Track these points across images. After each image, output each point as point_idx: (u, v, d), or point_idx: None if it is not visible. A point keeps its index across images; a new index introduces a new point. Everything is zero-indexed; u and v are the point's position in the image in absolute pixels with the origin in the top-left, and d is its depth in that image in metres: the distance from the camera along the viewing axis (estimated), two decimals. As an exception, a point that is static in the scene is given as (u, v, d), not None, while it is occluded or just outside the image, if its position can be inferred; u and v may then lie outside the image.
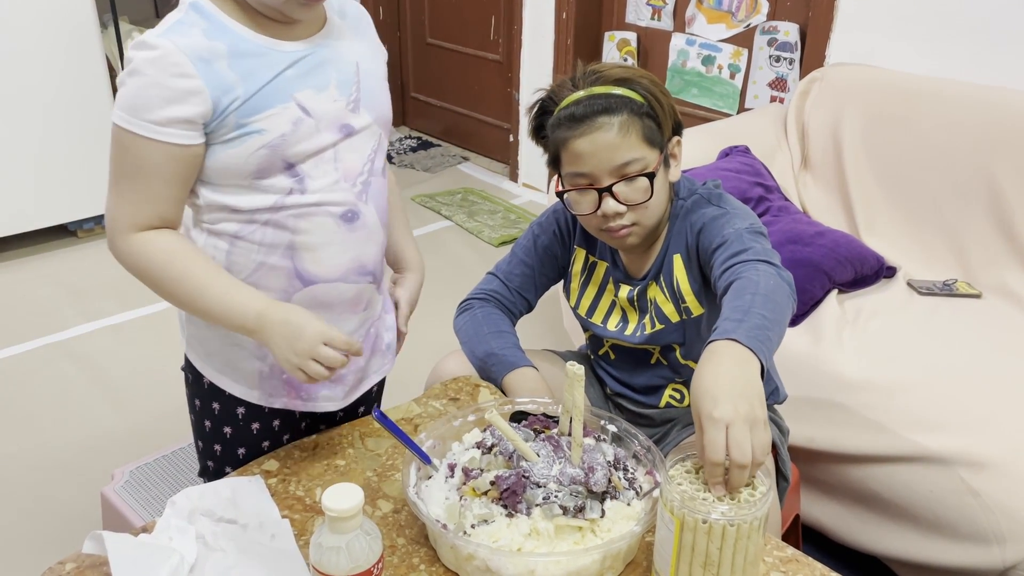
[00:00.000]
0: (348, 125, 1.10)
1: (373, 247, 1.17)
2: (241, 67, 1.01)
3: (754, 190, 2.10)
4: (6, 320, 2.69)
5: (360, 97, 1.11)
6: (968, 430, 1.53)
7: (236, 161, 1.03)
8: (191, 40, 0.99)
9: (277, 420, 1.24)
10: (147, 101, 0.98)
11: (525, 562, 0.93)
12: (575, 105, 1.18)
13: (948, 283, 2.00)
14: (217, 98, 0.99)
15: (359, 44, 1.14)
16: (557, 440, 1.05)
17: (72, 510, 1.90)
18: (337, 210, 1.10)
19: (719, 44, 2.93)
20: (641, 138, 1.17)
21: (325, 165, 1.08)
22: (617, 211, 1.19)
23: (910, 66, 2.26)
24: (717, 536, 0.86)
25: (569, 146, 1.19)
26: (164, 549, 0.94)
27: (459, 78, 4.13)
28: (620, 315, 1.34)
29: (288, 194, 1.07)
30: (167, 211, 1.05)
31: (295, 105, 1.04)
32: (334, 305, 1.15)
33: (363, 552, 0.85)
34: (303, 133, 1.05)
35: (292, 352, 1.03)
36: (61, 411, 2.26)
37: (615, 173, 1.18)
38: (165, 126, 0.99)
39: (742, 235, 1.15)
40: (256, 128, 1.02)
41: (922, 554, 1.56)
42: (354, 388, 1.24)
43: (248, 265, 1.10)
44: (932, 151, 2.10)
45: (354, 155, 1.11)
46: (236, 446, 1.24)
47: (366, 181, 1.13)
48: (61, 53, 2.93)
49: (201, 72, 0.98)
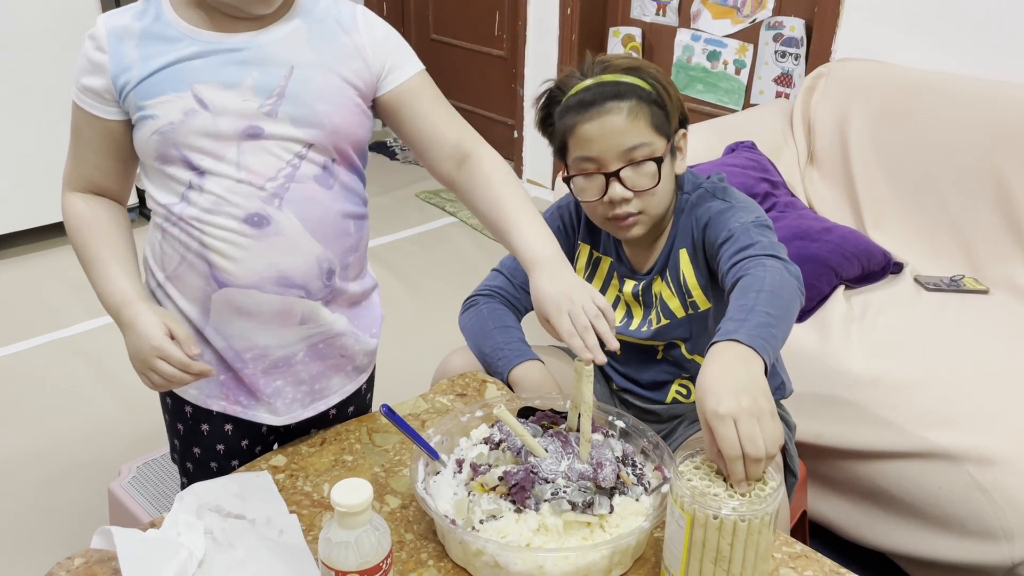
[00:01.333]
0: (256, 127, 1.04)
1: (298, 259, 1.09)
2: (146, 48, 1.03)
3: (760, 186, 2.10)
4: (14, 316, 2.69)
5: (282, 104, 1.05)
6: (976, 426, 1.53)
7: (140, 144, 1.07)
8: (117, 19, 1.04)
9: (229, 425, 1.21)
10: (78, 70, 1.06)
11: (534, 557, 0.93)
12: (584, 92, 1.20)
13: (955, 279, 1.99)
14: (116, 75, 1.03)
15: (309, 51, 1.06)
16: (565, 436, 1.05)
17: (79, 506, 1.90)
18: (239, 212, 1.06)
19: (724, 39, 2.92)
20: (649, 124, 1.19)
21: (226, 164, 1.05)
22: (624, 196, 1.19)
23: (917, 61, 2.25)
24: (728, 531, 0.86)
25: (577, 130, 1.20)
26: (172, 544, 0.94)
27: (463, 74, 4.13)
28: (625, 310, 1.33)
29: (189, 188, 1.06)
30: (97, 178, 1.11)
31: (191, 95, 1.03)
32: (255, 314, 1.10)
33: (372, 547, 0.85)
34: (196, 125, 1.03)
35: (135, 358, 1.07)
36: (68, 407, 2.26)
37: (623, 158, 1.18)
38: (83, 94, 1.06)
39: (748, 229, 1.15)
40: (150, 113, 1.03)
41: (930, 550, 1.55)
42: (299, 404, 1.19)
43: (174, 258, 1.11)
44: (939, 146, 2.09)
45: (263, 158, 1.05)
46: (191, 445, 1.22)
47: (282, 187, 1.06)
48: (65, 48, 2.92)
49: (111, 48, 1.03)
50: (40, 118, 2.93)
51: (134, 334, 1.05)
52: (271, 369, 1.15)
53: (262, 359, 1.14)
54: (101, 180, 1.12)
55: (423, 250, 3.20)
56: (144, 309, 1.06)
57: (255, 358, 1.14)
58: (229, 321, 1.11)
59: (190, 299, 1.12)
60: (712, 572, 0.88)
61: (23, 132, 2.92)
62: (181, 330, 1.05)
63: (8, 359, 2.48)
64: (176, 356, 1.03)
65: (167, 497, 1.57)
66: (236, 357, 1.14)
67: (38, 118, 2.93)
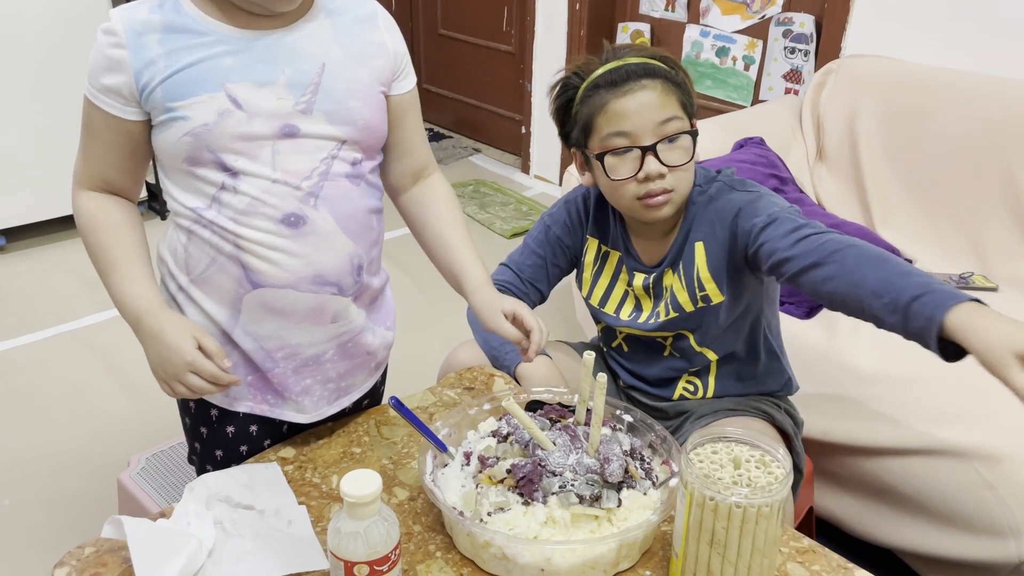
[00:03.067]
0: (292, 126, 1.04)
1: (333, 256, 1.09)
2: (170, 42, 1.00)
3: (769, 182, 2.09)
4: (22, 309, 2.71)
5: (316, 103, 1.05)
6: (984, 423, 1.53)
7: (167, 146, 1.04)
8: (133, 13, 1.01)
9: (255, 426, 1.19)
10: (93, 68, 1.03)
11: (541, 550, 0.93)
12: (614, 71, 1.21)
13: (964, 276, 1.99)
14: (139, 71, 1.00)
15: (337, 47, 1.07)
16: (574, 430, 1.05)
17: (89, 497, 1.91)
18: (276, 213, 1.05)
19: (733, 35, 2.92)
20: (678, 103, 1.21)
21: (260, 164, 1.04)
22: (660, 171, 1.19)
23: (927, 58, 2.25)
24: (724, 516, 0.86)
25: (609, 107, 1.20)
26: (182, 534, 0.95)
27: (471, 69, 4.13)
28: (634, 303, 1.33)
29: (222, 189, 1.04)
30: (113, 177, 1.08)
31: (224, 95, 1.01)
32: (288, 313, 1.10)
33: (381, 538, 0.85)
34: (230, 125, 1.01)
35: (160, 368, 1.05)
36: (77, 399, 2.27)
37: (657, 132, 1.19)
38: (102, 93, 1.02)
39: (790, 213, 1.17)
40: (181, 114, 1.01)
41: (937, 547, 1.55)
42: (325, 401, 1.19)
43: (203, 260, 1.08)
44: (949, 143, 2.08)
45: (299, 157, 1.05)
46: (213, 447, 1.21)
47: (317, 186, 1.06)
48: (74, 42, 2.93)
49: (130, 44, 1.00)
50: (49, 111, 2.94)
51: (160, 344, 1.03)
52: (301, 368, 1.15)
53: (293, 358, 1.14)
54: (115, 178, 1.09)
55: (430, 245, 3.20)
56: (170, 319, 1.05)
57: (286, 357, 1.13)
58: (260, 322, 1.10)
59: (218, 301, 1.10)
60: (708, 554, 0.89)
61: (32, 126, 2.93)
62: (212, 343, 1.03)
63: (18, 351, 2.49)
64: (209, 370, 1.02)
65: (176, 488, 1.58)
66: (266, 357, 1.13)
67: (47, 112, 2.94)
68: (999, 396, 1.57)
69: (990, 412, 1.55)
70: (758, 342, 1.33)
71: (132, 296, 1.06)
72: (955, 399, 1.58)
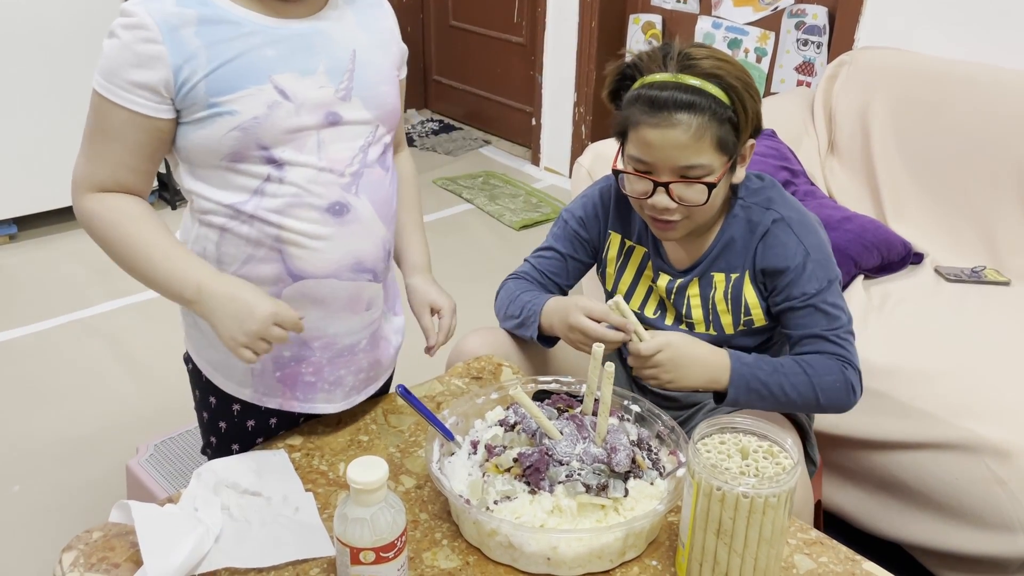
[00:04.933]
0: (335, 113, 1.04)
1: (370, 243, 1.11)
2: (209, 35, 0.97)
3: (780, 174, 2.08)
4: (32, 297, 2.72)
5: (353, 87, 1.06)
6: (995, 418, 1.51)
7: (209, 143, 1.00)
8: (162, 5, 0.97)
9: (274, 419, 1.21)
10: (117, 66, 0.97)
11: (547, 538, 0.93)
12: (659, 88, 1.12)
13: (976, 270, 1.97)
14: (178, 66, 0.96)
15: (362, 33, 1.09)
16: (581, 419, 1.05)
17: (98, 483, 1.92)
18: (321, 202, 1.05)
19: (746, 27, 2.90)
20: (713, 144, 1.12)
21: (307, 154, 1.03)
22: (667, 207, 1.16)
23: (940, 50, 2.22)
24: (730, 506, 0.86)
25: (640, 130, 1.14)
26: (190, 519, 0.95)
27: (482, 61, 4.12)
28: (657, 302, 1.32)
29: (266, 181, 1.03)
30: (127, 179, 1.03)
31: (272, 87, 0.99)
32: (328, 303, 1.10)
33: (387, 525, 0.85)
34: (279, 117, 1.00)
35: (240, 331, 0.99)
36: (87, 387, 2.28)
37: (677, 172, 1.14)
38: (131, 92, 0.97)
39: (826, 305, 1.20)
40: (228, 109, 0.98)
41: (946, 542, 1.54)
42: (355, 391, 1.20)
43: (238, 256, 1.07)
44: (961, 136, 2.06)
45: (341, 145, 1.06)
46: (231, 442, 1.21)
47: (357, 173, 1.07)
48: (84, 33, 2.93)
49: (166, 38, 0.96)
50: (59, 100, 2.95)
51: (236, 305, 0.99)
52: (335, 359, 1.15)
53: (329, 348, 1.14)
54: (130, 180, 1.04)
55: (439, 236, 3.20)
56: (235, 280, 1.03)
57: (323, 347, 1.13)
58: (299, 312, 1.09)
59: None
60: (715, 545, 0.89)
61: (43, 115, 2.94)
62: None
63: (29, 339, 2.51)
64: (291, 318, 1.01)
65: (184, 475, 1.59)
66: (303, 347, 1.13)
67: (57, 100, 2.95)
68: (1010, 392, 1.56)
69: (1001, 407, 1.54)
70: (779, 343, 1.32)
71: (184, 271, 1.01)
72: (966, 394, 1.57)
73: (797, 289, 1.20)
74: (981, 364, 1.64)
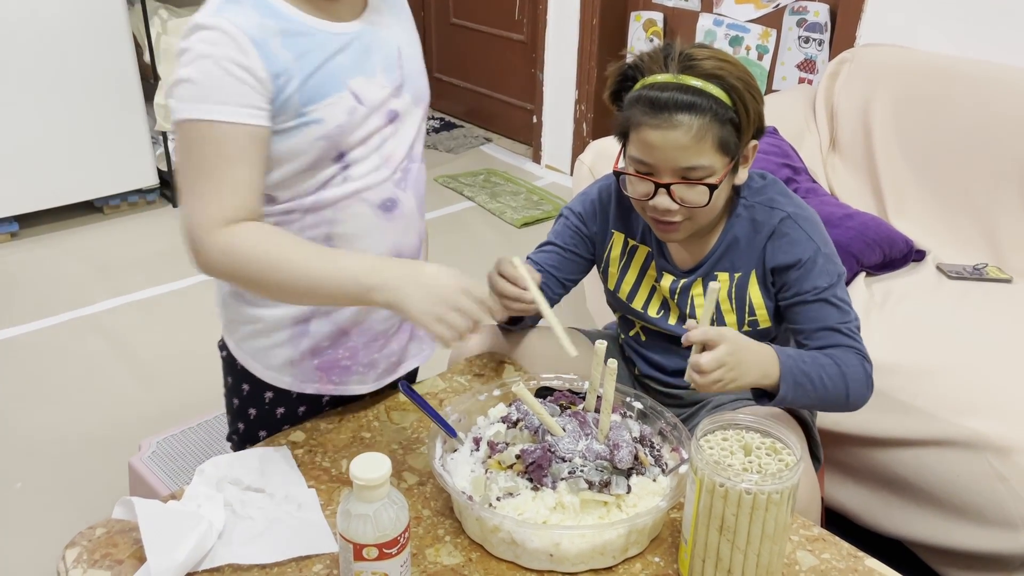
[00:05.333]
0: (393, 111, 1.08)
1: (412, 236, 1.15)
2: (294, 46, 0.98)
3: (782, 171, 2.08)
4: (35, 295, 2.72)
5: (404, 82, 1.09)
6: (997, 415, 1.52)
7: (295, 152, 1.00)
8: (245, 18, 0.95)
9: (303, 407, 1.23)
10: (216, 85, 0.94)
11: (550, 535, 0.93)
12: (660, 89, 1.11)
13: (978, 267, 1.97)
14: (275, 76, 0.96)
15: (398, 27, 1.12)
16: (583, 416, 1.05)
17: (100, 480, 1.92)
18: (375, 199, 1.08)
19: (747, 24, 2.90)
20: (715, 145, 1.12)
21: (371, 154, 1.06)
22: (668, 208, 1.15)
23: (943, 47, 2.22)
24: (733, 502, 0.86)
25: (641, 131, 1.13)
26: (193, 515, 0.95)
27: (483, 58, 4.12)
28: (661, 301, 1.32)
29: (329, 182, 1.05)
30: (251, 200, 0.99)
31: (349, 93, 1.02)
32: None
33: (390, 521, 0.85)
34: (356, 122, 1.03)
35: (433, 305, 0.95)
36: (89, 384, 2.28)
37: (678, 173, 1.13)
38: (238, 107, 0.95)
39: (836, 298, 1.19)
40: (315, 117, 0.99)
41: (948, 539, 1.55)
42: (389, 372, 1.23)
43: None
44: (963, 134, 2.06)
45: (397, 142, 1.09)
46: (258, 428, 1.23)
47: (406, 168, 1.11)
48: (88, 30, 2.94)
49: (260, 51, 0.95)
50: (61, 98, 2.95)
51: (424, 280, 0.96)
52: (371, 343, 1.18)
53: (365, 333, 1.17)
54: (255, 201, 0.99)
55: (441, 234, 3.20)
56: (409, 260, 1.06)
57: (359, 333, 1.16)
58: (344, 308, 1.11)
59: None
60: (718, 541, 0.89)
61: (44, 112, 2.94)
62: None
63: (31, 336, 2.51)
64: (479, 290, 0.99)
65: (186, 472, 1.59)
66: (341, 334, 1.15)
67: (56, 98, 2.94)
68: (1012, 388, 1.56)
69: (1003, 404, 1.54)
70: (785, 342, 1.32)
71: (354, 267, 0.98)
72: (968, 391, 1.57)
73: (808, 283, 1.19)
74: (983, 361, 1.64)
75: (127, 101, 3.08)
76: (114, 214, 3.24)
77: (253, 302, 1.14)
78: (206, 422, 1.78)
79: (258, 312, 1.14)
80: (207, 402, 2.03)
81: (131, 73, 3.07)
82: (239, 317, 1.17)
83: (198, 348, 2.45)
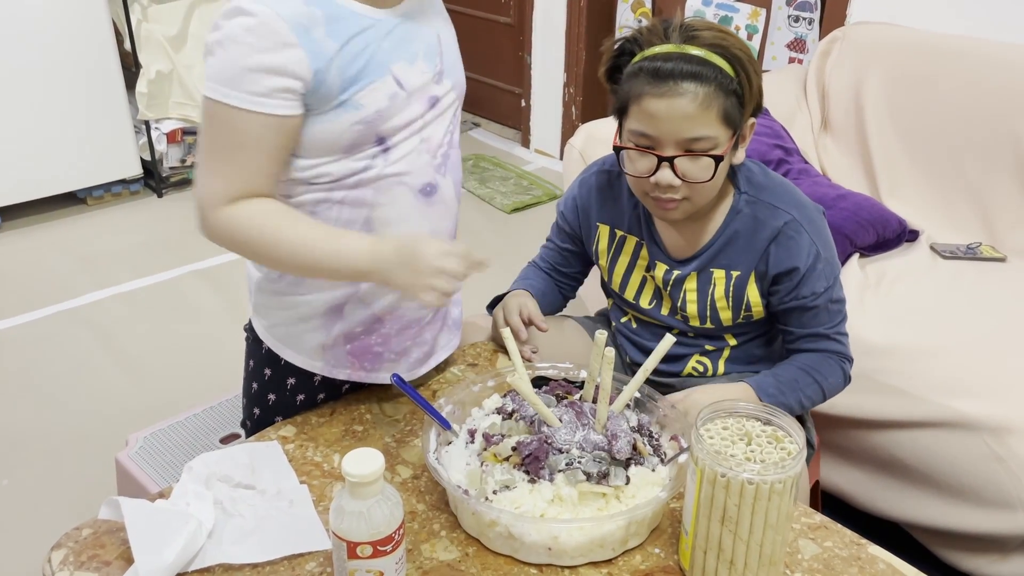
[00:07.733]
0: (434, 97, 1.08)
1: (449, 221, 1.15)
2: (338, 33, 0.97)
3: (773, 152, 2.06)
4: (18, 288, 2.68)
5: (444, 69, 1.09)
6: (993, 395, 1.51)
7: (330, 136, 1.00)
8: (289, 6, 0.94)
9: (323, 394, 1.22)
10: (246, 71, 0.94)
11: (548, 528, 0.91)
12: (663, 59, 1.08)
13: (972, 246, 1.96)
14: (317, 67, 0.96)
15: (437, 17, 1.12)
16: (580, 406, 1.03)
17: (87, 476, 1.90)
18: (416, 183, 1.08)
19: (736, 4, 2.87)
20: (719, 116, 1.08)
21: (412, 138, 1.06)
22: (671, 183, 1.12)
23: (934, 25, 2.20)
24: (735, 492, 0.84)
25: (643, 102, 1.10)
26: (181, 515, 0.93)
27: (470, 42, 4.04)
28: (653, 290, 1.29)
29: (370, 163, 1.04)
30: (262, 185, 1.01)
31: (391, 79, 1.02)
32: None
33: (384, 518, 0.83)
34: (397, 107, 1.03)
35: (418, 276, 0.97)
36: (74, 378, 2.25)
37: (682, 145, 1.10)
38: (266, 96, 0.94)
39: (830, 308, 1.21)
40: (354, 103, 0.99)
41: (945, 520, 1.54)
42: (421, 362, 1.22)
43: None
44: (956, 112, 2.05)
45: (437, 127, 1.09)
46: (275, 414, 1.22)
47: (445, 154, 1.11)
48: (67, 19, 2.89)
49: (301, 40, 0.94)
50: (44, 88, 2.90)
51: (405, 253, 0.98)
52: (403, 330, 1.17)
53: (399, 320, 1.16)
54: (265, 186, 1.01)
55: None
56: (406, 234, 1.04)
57: (393, 320, 1.15)
58: (381, 295, 1.11)
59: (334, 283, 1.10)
60: (719, 532, 0.87)
61: (27, 102, 2.89)
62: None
63: (15, 330, 2.47)
64: (459, 248, 1.00)
65: (174, 468, 1.56)
66: (375, 321, 1.14)
67: (40, 90, 2.90)
68: (1008, 368, 1.56)
69: (999, 384, 1.53)
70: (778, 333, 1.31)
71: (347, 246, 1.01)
72: (964, 371, 1.56)
73: (807, 288, 1.19)
74: (978, 341, 1.63)
75: (109, 90, 3.03)
76: (98, 205, 3.19)
77: (288, 290, 1.13)
78: (195, 416, 1.75)
79: (295, 298, 1.13)
80: (196, 395, 2.01)
81: (112, 62, 3.02)
82: (273, 303, 1.16)
83: (186, 341, 2.43)
